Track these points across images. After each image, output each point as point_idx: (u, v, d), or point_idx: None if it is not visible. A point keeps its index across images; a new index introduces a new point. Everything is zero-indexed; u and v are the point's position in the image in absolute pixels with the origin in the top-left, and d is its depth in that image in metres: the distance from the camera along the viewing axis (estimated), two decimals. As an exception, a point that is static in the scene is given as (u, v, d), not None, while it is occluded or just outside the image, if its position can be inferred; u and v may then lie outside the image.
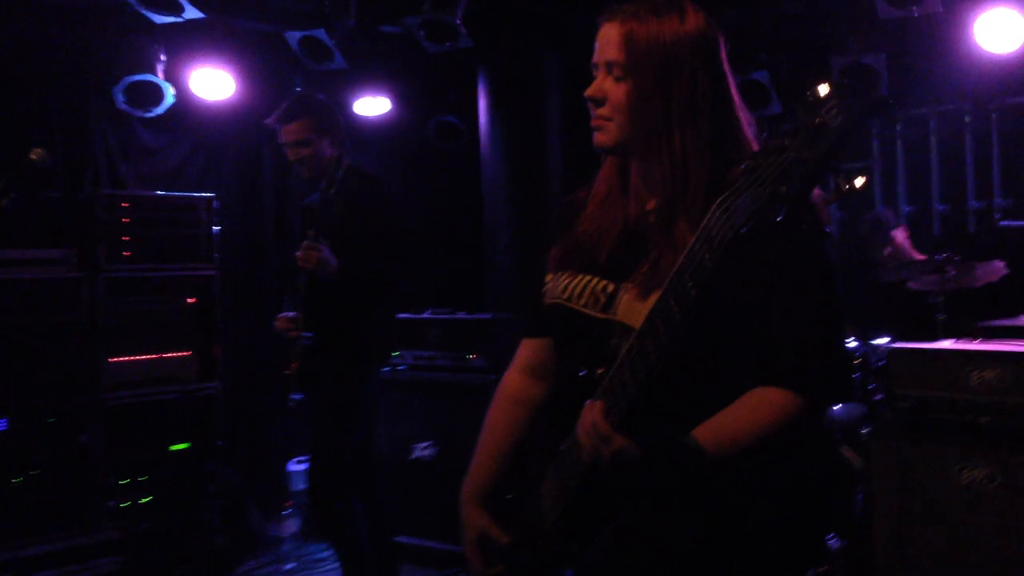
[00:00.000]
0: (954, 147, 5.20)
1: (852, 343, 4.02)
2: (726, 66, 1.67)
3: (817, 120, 1.25)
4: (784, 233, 1.47)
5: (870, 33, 4.81)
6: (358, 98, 5.55)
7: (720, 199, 1.36)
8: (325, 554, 4.89)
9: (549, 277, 1.81)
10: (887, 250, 4.85)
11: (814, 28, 5.09)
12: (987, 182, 5.11)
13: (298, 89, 5.21)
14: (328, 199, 3.39)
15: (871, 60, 4.71)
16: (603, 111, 1.68)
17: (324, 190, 3.40)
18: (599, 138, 1.71)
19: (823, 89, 1.27)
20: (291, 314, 3.60)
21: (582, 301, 1.71)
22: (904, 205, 5.37)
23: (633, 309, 1.60)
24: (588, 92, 1.70)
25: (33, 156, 3.23)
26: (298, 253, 3.37)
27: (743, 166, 1.33)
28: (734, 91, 1.68)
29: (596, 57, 1.70)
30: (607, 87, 1.67)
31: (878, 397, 3.85)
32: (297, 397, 3.58)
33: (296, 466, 5.32)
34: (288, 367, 3.59)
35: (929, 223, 5.27)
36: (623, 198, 1.75)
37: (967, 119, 5.15)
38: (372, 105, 5.58)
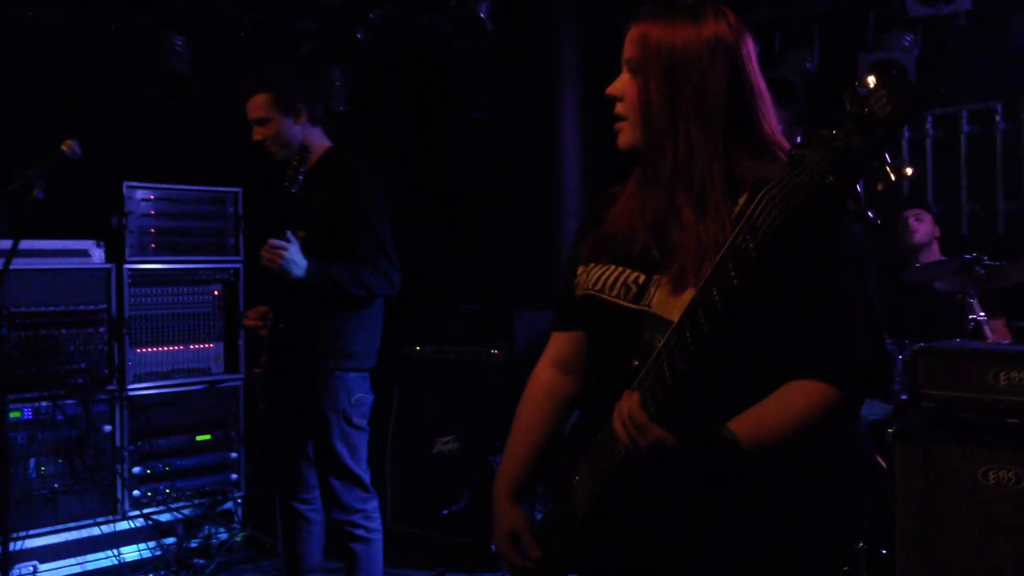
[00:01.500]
0: (984, 146, 5.14)
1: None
2: (751, 68, 1.67)
3: (866, 110, 1.24)
4: (829, 225, 1.46)
5: (900, 31, 4.77)
6: (381, 93, 5.57)
7: (766, 188, 1.36)
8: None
9: (580, 269, 1.82)
10: (909, 217, 4.78)
11: (843, 26, 5.05)
12: (1018, 182, 5.05)
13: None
14: (295, 189, 3.10)
15: (901, 58, 4.66)
16: (619, 108, 1.71)
17: (288, 179, 3.09)
18: (619, 139, 1.73)
19: (872, 80, 1.26)
20: (262, 308, 3.31)
21: (614, 292, 1.71)
22: (933, 205, 5.31)
23: (667, 303, 1.59)
24: (607, 90, 1.73)
25: (63, 148, 3.26)
26: (262, 251, 3.09)
27: (790, 155, 1.33)
28: (761, 92, 1.68)
29: (622, 58, 1.73)
30: (623, 85, 1.70)
31: (903, 397, 3.81)
32: (265, 405, 3.37)
33: (318, 459, 5.34)
34: (258, 367, 3.32)
35: (958, 223, 5.21)
36: (650, 191, 1.76)
37: (997, 118, 5.09)
38: (394, 100, 5.59)
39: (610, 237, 1.76)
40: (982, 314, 3.97)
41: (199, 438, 4.54)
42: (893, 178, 1.26)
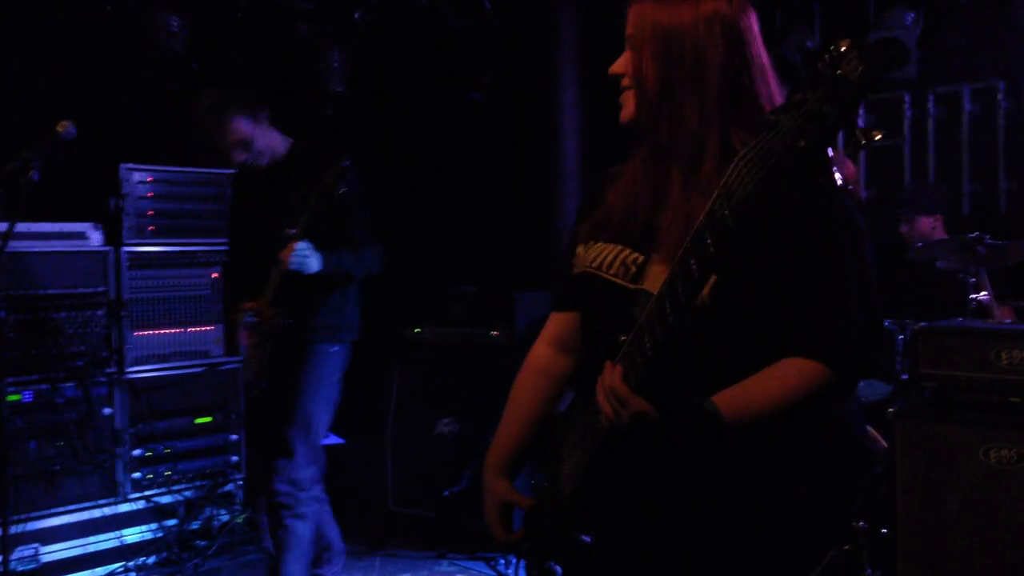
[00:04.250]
0: (986, 125, 5.12)
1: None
2: (751, 42, 1.66)
3: (838, 72, 1.24)
4: (807, 193, 1.45)
5: (902, 9, 4.74)
6: (383, 74, 5.54)
7: (740, 154, 1.35)
8: (347, 528, 4.93)
9: (580, 248, 1.82)
10: (904, 227, 4.79)
11: (845, 4, 5.02)
12: (1019, 161, 5.03)
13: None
14: (327, 194, 3.30)
15: (904, 36, 4.64)
16: (624, 82, 1.71)
17: (329, 186, 3.29)
18: (622, 115, 1.73)
19: (844, 44, 1.26)
20: (251, 304, 3.56)
21: (612, 271, 1.71)
22: (934, 193, 5.29)
23: (660, 280, 1.58)
24: (610, 69, 1.73)
25: (60, 128, 3.24)
26: (283, 255, 3.35)
27: (765, 120, 1.33)
28: (762, 67, 1.67)
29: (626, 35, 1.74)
30: (624, 62, 1.70)
31: (904, 377, 3.81)
32: (263, 385, 3.60)
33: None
34: (249, 357, 3.60)
35: (960, 202, 5.19)
36: (649, 168, 1.75)
37: (1000, 97, 5.06)
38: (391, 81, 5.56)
39: (610, 216, 1.76)
40: (984, 293, 3.96)
41: (199, 420, 4.53)
42: (863, 141, 1.27)
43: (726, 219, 1.35)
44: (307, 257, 3.37)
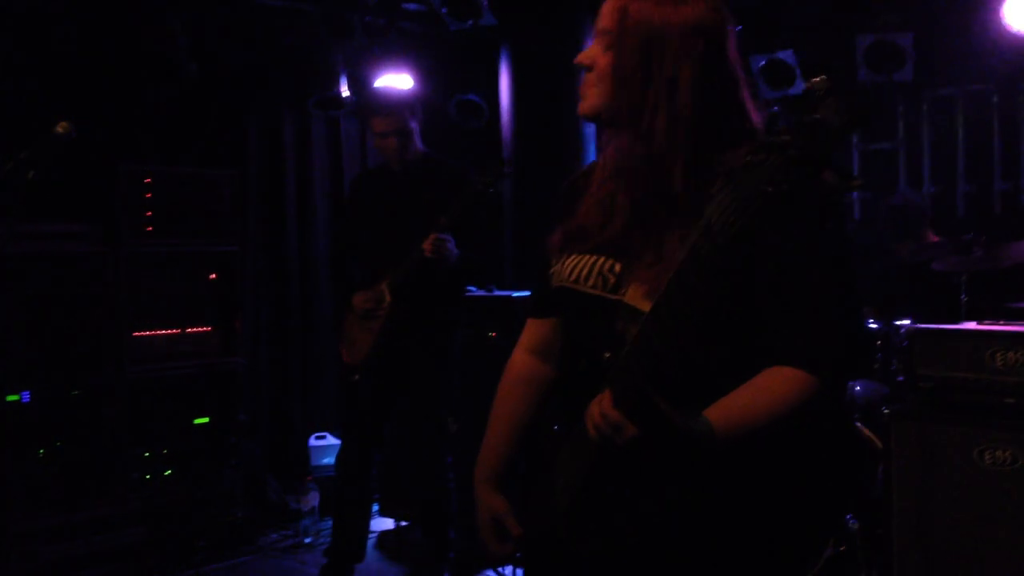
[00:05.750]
0: (981, 127, 5.15)
1: (872, 324, 3.99)
2: (730, 54, 1.64)
3: (817, 116, 1.24)
4: (788, 225, 1.46)
5: (897, 12, 4.76)
6: (380, 75, 5.54)
7: (722, 193, 1.34)
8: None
9: (555, 260, 1.80)
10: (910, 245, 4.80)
11: (840, 6, 5.04)
12: (1014, 163, 5.06)
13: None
14: (481, 192, 3.55)
15: (898, 39, 4.66)
16: (589, 77, 1.68)
17: (484, 184, 3.54)
18: (581, 107, 1.70)
19: (822, 84, 1.26)
20: (367, 293, 3.77)
21: (590, 282, 1.69)
22: (929, 186, 5.32)
23: (640, 296, 1.58)
24: (577, 58, 1.70)
25: (59, 129, 3.24)
26: (426, 244, 3.54)
27: (745, 160, 1.32)
28: (737, 79, 1.65)
29: (596, 26, 1.70)
30: (595, 54, 1.67)
31: (900, 378, 3.83)
32: (357, 377, 3.82)
33: (316, 441, 5.36)
34: (352, 343, 3.80)
35: (954, 204, 5.22)
36: (620, 177, 1.73)
37: (994, 99, 5.09)
38: (393, 82, 5.57)
39: (583, 226, 1.74)
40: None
41: (197, 421, 4.54)
42: (841, 188, 1.27)
43: (708, 257, 1.35)
44: (452, 251, 3.58)
